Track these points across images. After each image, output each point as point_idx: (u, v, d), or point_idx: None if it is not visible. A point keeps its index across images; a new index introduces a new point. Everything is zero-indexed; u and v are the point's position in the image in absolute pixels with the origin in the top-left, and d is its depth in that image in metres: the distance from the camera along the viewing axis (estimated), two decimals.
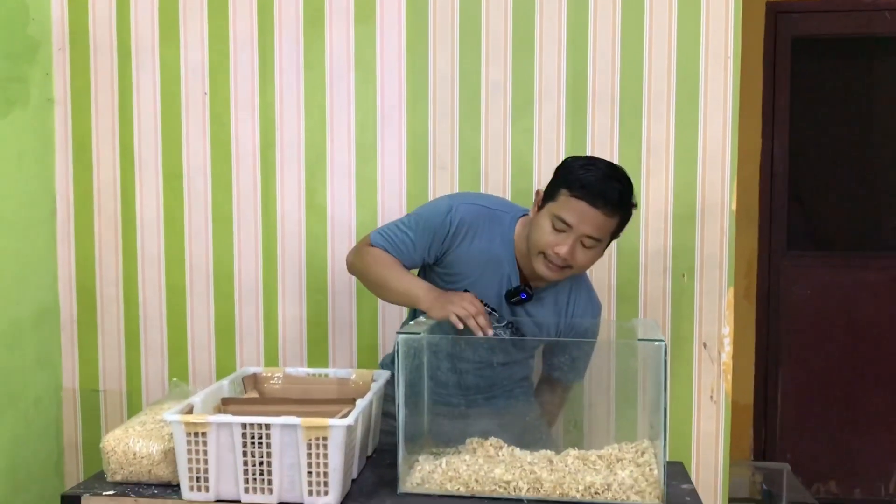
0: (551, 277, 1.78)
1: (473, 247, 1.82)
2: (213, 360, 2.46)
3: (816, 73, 3.57)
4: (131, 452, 1.63)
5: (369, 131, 2.36)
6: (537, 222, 1.76)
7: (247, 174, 2.41)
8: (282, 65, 2.38)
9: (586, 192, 1.69)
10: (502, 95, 2.31)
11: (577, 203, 1.70)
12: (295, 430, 1.52)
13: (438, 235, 1.81)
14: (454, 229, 1.81)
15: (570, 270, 1.76)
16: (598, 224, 1.70)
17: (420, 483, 1.63)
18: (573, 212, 1.70)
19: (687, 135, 2.26)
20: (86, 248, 2.48)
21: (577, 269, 1.78)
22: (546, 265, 1.75)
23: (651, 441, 1.74)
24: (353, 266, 1.92)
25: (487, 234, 1.83)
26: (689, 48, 2.25)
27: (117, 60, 2.43)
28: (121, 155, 2.45)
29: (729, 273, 2.27)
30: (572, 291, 1.92)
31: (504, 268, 1.85)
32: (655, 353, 1.58)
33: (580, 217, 1.69)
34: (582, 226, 1.70)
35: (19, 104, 2.31)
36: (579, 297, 1.92)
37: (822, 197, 3.64)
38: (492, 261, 1.83)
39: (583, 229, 1.70)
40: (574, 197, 1.70)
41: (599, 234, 1.72)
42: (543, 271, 1.76)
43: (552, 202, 1.74)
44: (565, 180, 1.73)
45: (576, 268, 1.76)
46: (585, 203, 1.69)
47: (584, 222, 1.70)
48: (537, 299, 1.87)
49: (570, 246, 1.71)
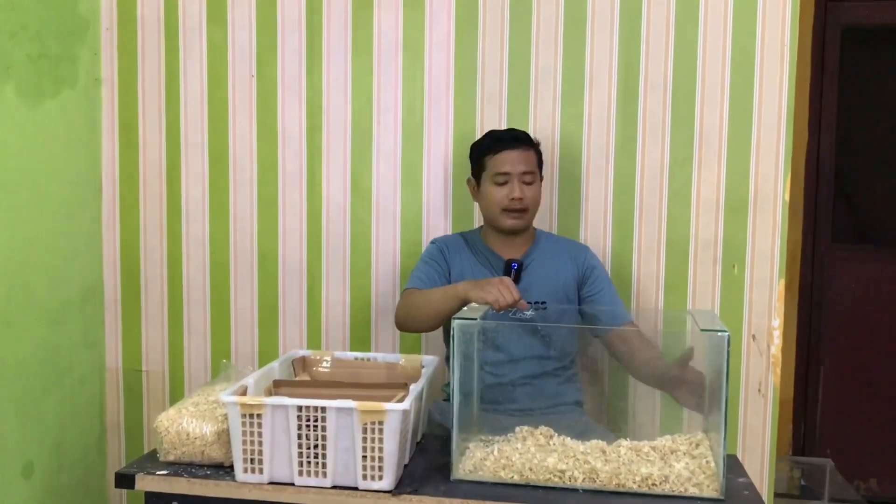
0: (519, 224, 2.06)
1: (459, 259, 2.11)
2: (255, 341, 2.46)
3: (866, 63, 3.49)
4: (185, 433, 1.63)
5: (416, 115, 2.34)
6: (484, 194, 2.08)
7: (293, 157, 2.40)
8: (329, 48, 2.36)
9: (502, 143, 2.06)
10: (552, 81, 2.28)
11: (501, 155, 2.04)
12: (351, 413, 1.51)
13: (440, 260, 2.11)
14: (445, 248, 2.14)
15: (528, 213, 2.06)
16: (524, 159, 2.05)
17: (472, 470, 1.62)
18: (503, 162, 2.04)
19: (740, 124, 2.22)
20: (131, 229, 2.49)
21: (532, 206, 2.07)
22: (509, 216, 2.05)
23: (705, 433, 1.72)
24: (400, 315, 2.03)
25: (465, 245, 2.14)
26: (744, 35, 2.20)
27: (164, 41, 2.43)
28: (167, 136, 2.45)
29: (780, 265, 2.23)
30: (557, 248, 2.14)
31: (488, 259, 2.10)
32: (718, 343, 1.55)
33: (510, 162, 2.03)
34: (516, 167, 2.03)
35: (68, 84, 2.31)
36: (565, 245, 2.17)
37: (869, 191, 3.57)
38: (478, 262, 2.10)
39: (518, 168, 2.03)
40: (496, 153, 2.05)
41: (529, 166, 2.05)
42: (510, 223, 2.05)
43: (484, 172, 2.07)
44: (482, 151, 2.09)
45: (530, 205, 2.06)
46: (506, 150, 2.04)
47: (516, 163, 2.04)
48: (531, 269, 2.07)
49: (518, 186, 2.03)
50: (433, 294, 1.95)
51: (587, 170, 2.28)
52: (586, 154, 2.28)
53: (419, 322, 1.97)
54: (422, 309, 1.95)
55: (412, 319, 1.99)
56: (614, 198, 2.28)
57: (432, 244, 2.17)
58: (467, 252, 2.13)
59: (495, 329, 1.91)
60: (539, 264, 2.09)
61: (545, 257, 2.11)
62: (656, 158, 2.25)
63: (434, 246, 2.16)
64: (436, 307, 1.90)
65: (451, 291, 1.89)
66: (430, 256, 2.13)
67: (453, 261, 2.11)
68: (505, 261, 2.07)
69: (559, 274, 2.09)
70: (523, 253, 2.11)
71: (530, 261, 2.10)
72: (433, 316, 1.92)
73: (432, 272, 2.08)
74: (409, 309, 1.99)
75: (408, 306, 2.00)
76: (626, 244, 2.28)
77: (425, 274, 2.08)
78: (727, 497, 1.56)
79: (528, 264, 2.08)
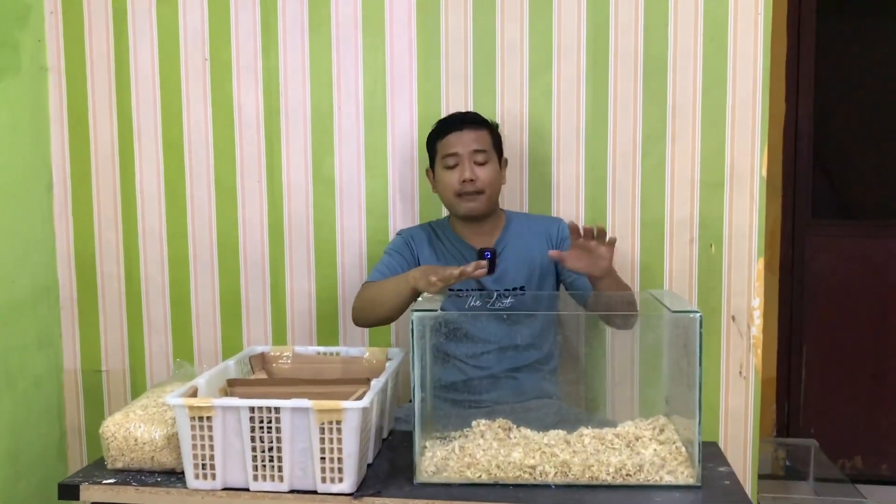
0: (476, 208, 1.96)
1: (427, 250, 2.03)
2: (219, 337, 2.36)
3: (843, 33, 3.41)
4: (132, 438, 1.54)
5: (378, 96, 2.24)
6: (439, 180, 1.99)
7: (250, 143, 2.30)
8: (285, 27, 2.26)
9: (448, 125, 1.98)
10: (518, 55, 2.19)
11: (448, 137, 1.96)
12: (307, 413, 1.42)
13: (405, 252, 2.02)
14: (410, 240, 2.04)
15: (484, 196, 1.95)
16: (473, 138, 1.95)
17: (436, 471, 1.53)
18: (451, 144, 1.95)
19: (715, 96, 2.14)
20: (84, 223, 2.38)
21: (487, 187, 1.95)
22: (465, 199, 1.95)
23: (667, 417, 1.65)
24: (356, 309, 1.95)
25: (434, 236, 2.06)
26: (717, 4, 2.12)
27: (113, 25, 2.32)
28: (119, 125, 2.34)
29: (759, 243, 2.16)
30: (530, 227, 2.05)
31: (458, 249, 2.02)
32: (690, 325, 1.48)
33: (457, 142, 1.94)
34: (463, 147, 1.94)
35: (10, 72, 2.19)
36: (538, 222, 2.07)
37: (848, 164, 3.50)
38: (448, 252, 2.02)
39: (467, 148, 1.93)
40: (444, 136, 1.97)
41: (481, 144, 1.95)
42: (466, 207, 1.96)
43: (437, 157, 1.99)
44: (432, 139, 2.01)
45: (485, 186, 1.94)
46: (453, 131, 1.96)
47: (463, 143, 1.94)
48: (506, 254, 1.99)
49: (469, 166, 1.93)
50: (387, 285, 1.86)
51: (557, 148, 2.20)
52: (556, 132, 2.20)
53: (372, 316, 1.89)
54: (375, 301, 1.86)
55: (366, 312, 1.90)
56: (586, 177, 2.20)
57: (398, 236, 2.09)
58: (437, 243, 2.04)
59: (457, 320, 1.82)
60: (513, 248, 2.01)
61: (519, 240, 2.03)
62: (628, 135, 2.17)
63: (400, 238, 2.07)
64: (390, 299, 1.81)
65: (402, 281, 1.80)
66: (394, 248, 2.04)
67: (421, 253, 2.03)
68: (477, 250, 1.97)
69: (534, 254, 2.01)
70: (496, 239, 2.02)
71: (503, 245, 2.01)
72: (388, 308, 1.84)
73: (395, 264, 1.99)
74: (363, 302, 1.91)
75: (362, 300, 1.92)
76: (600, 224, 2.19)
77: (387, 266, 1.99)
78: (706, 486, 1.49)
79: (501, 250, 1.99)
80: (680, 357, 1.61)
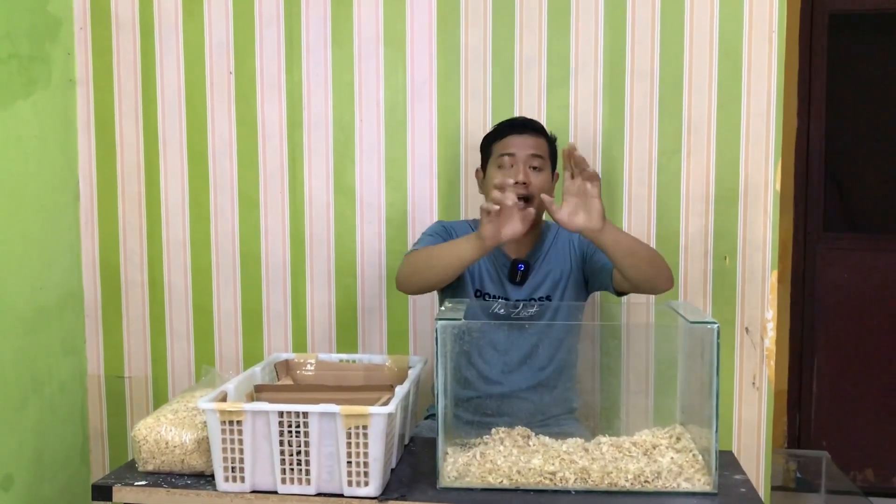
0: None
1: None
2: (240, 345, 2.41)
3: (854, 50, 3.46)
4: (163, 441, 1.58)
5: (399, 110, 2.29)
6: (489, 179, 1.94)
7: (273, 155, 2.34)
8: (309, 42, 2.31)
9: (510, 127, 1.96)
10: (536, 71, 2.23)
11: (508, 139, 1.93)
12: (334, 418, 1.46)
13: (446, 237, 1.96)
14: (452, 229, 2.00)
15: (532, 203, 1.84)
16: (532, 143, 1.92)
17: (458, 476, 1.56)
18: (510, 144, 1.92)
19: (729, 112, 2.18)
20: (110, 232, 2.43)
21: (538, 194, 1.82)
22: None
23: (683, 426, 1.68)
24: (405, 273, 1.85)
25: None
26: (731, 22, 2.16)
27: (140, 39, 2.37)
28: (144, 136, 2.39)
29: (773, 256, 2.19)
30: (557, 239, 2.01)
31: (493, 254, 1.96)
32: (707, 336, 1.51)
33: (517, 144, 1.91)
34: (522, 150, 1.90)
35: (41, 84, 2.25)
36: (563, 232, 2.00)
37: (860, 178, 3.53)
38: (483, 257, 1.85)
39: (525, 151, 1.90)
40: (503, 136, 1.94)
41: (539, 150, 1.92)
42: None
43: (490, 158, 1.96)
44: (489, 141, 1.98)
45: (536, 192, 1.85)
46: (514, 134, 1.93)
47: (522, 146, 1.90)
48: (538, 267, 1.98)
49: (524, 169, 1.88)
50: (435, 251, 1.77)
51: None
52: None
53: (430, 275, 1.78)
54: (433, 257, 1.77)
55: (418, 276, 1.80)
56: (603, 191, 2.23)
57: (439, 223, 2.03)
58: None
59: (481, 329, 1.79)
60: (546, 260, 2.00)
61: (551, 251, 2.01)
62: (644, 150, 2.21)
63: (440, 224, 2.03)
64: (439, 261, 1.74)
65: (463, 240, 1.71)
66: (435, 231, 1.97)
67: None
68: (511, 260, 1.96)
69: (564, 264, 1.99)
70: (529, 249, 2.00)
71: (537, 258, 2.00)
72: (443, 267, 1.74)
73: (439, 240, 1.91)
74: (417, 264, 1.81)
75: (414, 263, 1.82)
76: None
77: (432, 237, 1.93)
78: (723, 493, 1.52)
79: (535, 262, 1.98)
80: (696, 367, 1.64)
